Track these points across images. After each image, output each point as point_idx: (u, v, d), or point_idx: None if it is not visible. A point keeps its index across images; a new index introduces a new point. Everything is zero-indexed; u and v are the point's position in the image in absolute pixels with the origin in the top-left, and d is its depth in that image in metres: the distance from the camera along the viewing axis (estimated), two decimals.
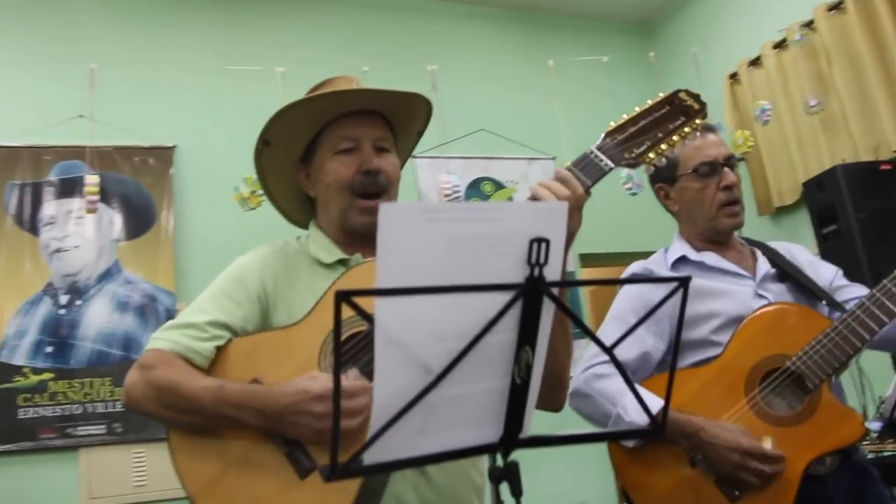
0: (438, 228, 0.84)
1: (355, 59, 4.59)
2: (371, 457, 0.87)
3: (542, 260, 0.88)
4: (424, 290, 0.83)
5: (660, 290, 1.10)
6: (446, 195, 4.56)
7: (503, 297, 0.87)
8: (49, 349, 4.21)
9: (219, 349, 1.48)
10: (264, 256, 1.61)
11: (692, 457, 1.84)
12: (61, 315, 4.29)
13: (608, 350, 0.97)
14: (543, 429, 1.03)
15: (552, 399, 1.51)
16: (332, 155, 1.60)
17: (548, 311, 0.91)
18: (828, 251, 3.90)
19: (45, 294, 4.29)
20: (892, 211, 3.80)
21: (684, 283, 0.95)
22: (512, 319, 0.89)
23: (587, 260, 5.28)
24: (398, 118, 1.66)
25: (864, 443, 3.88)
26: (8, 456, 4.02)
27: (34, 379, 4.15)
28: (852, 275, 2.18)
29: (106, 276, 4.42)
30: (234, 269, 1.60)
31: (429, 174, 5.01)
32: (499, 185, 5.31)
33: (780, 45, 4.89)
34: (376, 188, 1.58)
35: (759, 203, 5.15)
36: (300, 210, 1.74)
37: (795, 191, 4.68)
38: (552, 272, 0.90)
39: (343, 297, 0.80)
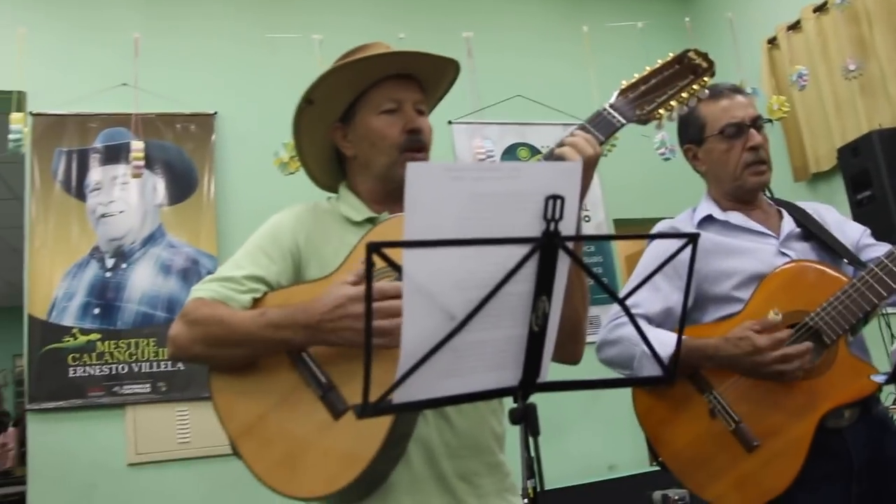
0: (461, 186, 0.91)
1: (391, 26, 4.63)
2: (400, 396, 0.95)
3: (557, 216, 0.95)
4: (449, 242, 0.90)
5: (685, 249, 1.15)
6: (480, 160, 4.61)
7: (521, 250, 0.94)
8: (96, 311, 4.35)
9: (255, 301, 1.56)
10: (297, 214, 1.70)
11: (711, 408, 1.91)
12: (107, 278, 4.42)
13: (620, 301, 1.04)
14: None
15: (569, 351, 1.58)
16: (376, 115, 1.66)
17: (563, 263, 0.98)
18: (862, 217, 3.88)
19: (92, 257, 4.42)
20: None
21: (693, 238, 1.01)
22: (529, 271, 0.97)
23: (621, 225, 5.31)
24: (430, 83, 1.73)
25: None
26: (59, 412, 4.19)
27: (82, 339, 4.29)
28: (886, 241, 2.18)
29: (150, 240, 4.54)
30: (268, 226, 1.69)
31: (465, 139, 5.06)
32: (535, 151, 5.35)
33: (821, 8, 4.83)
34: (420, 145, 1.65)
35: (796, 169, 5.12)
36: (329, 173, 1.81)
37: (832, 157, 4.63)
38: (567, 227, 0.97)
39: (374, 248, 0.88)
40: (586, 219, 5.16)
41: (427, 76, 1.72)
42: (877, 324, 3.79)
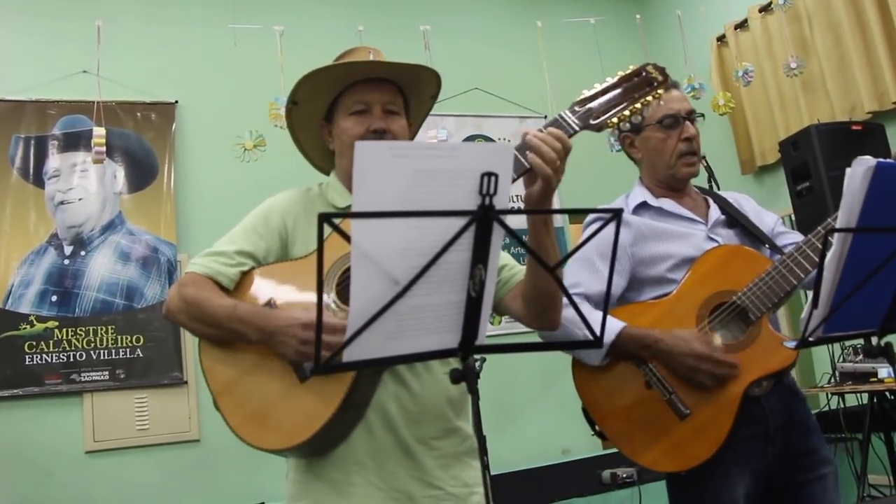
0: (404, 163, 1.01)
1: (351, 18, 4.70)
2: (349, 355, 1.05)
3: (492, 191, 1.05)
4: (392, 214, 1.00)
5: (622, 233, 1.26)
6: None
7: (459, 222, 1.04)
8: (54, 298, 4.36)
9: (244, 273, 1.75)
10: (288, 198, 1.88)
11: (647, 380, 2.04)
12: (66, 265, 4.43)
13: (551, 270, 1.14)
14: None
15: (549, 319, 1.77)
16: (347, 115, 1.82)
17: (497, 234, 1.08)
18: (801, 207, 4.07)
19: (50, 245, 4.43)
20: None
21: (617, 214, 1.12)
22: (467, 241, 1.07)
23: (577, 216, 5.44)
24: (406, 85, 1.88)
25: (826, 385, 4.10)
26: (15, 400, 4.20)
27: (39, 327, 4.30)
28: None
29: (109, 227, 4.56)
30: (262, 207, 1.87)
31: (422, 130, 5.15)
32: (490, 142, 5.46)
33: (766, 8, 5.02)
34: None
35: (743, 163, 5.31)
36: (326, 161, 1.99)
37: (776, 150, 4.81)
38: (501, 202, 1.07)
39: (324, 218, 0.97)
40: None
41: (401, 79, 1.86)
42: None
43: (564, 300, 2.06)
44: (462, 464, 1.77)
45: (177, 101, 4.82)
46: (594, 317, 1.98)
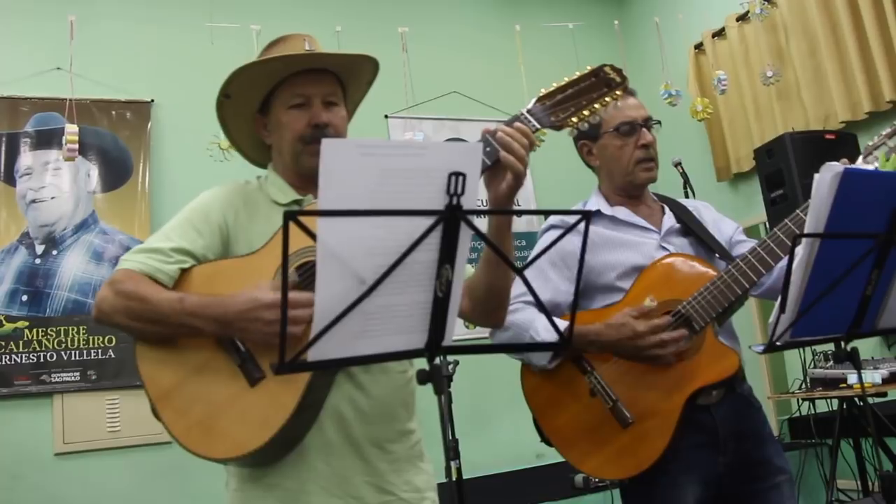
0: (372, 161, 1.00)
1: (329, 18, 4.69)
2: (314, 354, 1.04)
3: (459, 190, 1.05)
4: (359, 212, 0.99)
5: (574, 241, 1.26)
6: None
7: (426, 221, 1.04)
8: (24, 298, 4.29)
9: (183, 272, 1.63)
10: (227, 192, 1.79)
11: (592, 388, 2.07)
12: (37, 265, 4.37)
13: (519, 271, 1.14)
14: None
15: (495, 316, 1.76)
16: (286, 109, 1.76)
17: (465, 234, 1.08)
18: (775, 214, 4.10)
19: (21, 244, 4.37)
20: None
21: (587, 215, 1.12)
22: (434, 241, 1.07)
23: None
24: (345, 74, 1.83)
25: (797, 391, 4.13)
26: None
27: (9, 327, 4.23)
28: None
29: (82, 226, 4.50)
30: (199, 201, 1.77)
31: (399, 133, 5.15)
32: None
33: (743, 17, 5.06)
34: (323, 137, 1.73)
35: (718, 170, 5.35)
36: (262, 154, 1.90)
37: (751, 158, 4.86)
38: (469, 202, 1.07)
39: (290, 216, 0.96)
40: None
41: (341, 70, 1.81)
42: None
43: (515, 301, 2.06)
44: (414, 468, 1.74)
45: (153, 100, 4.77)
46: (540, 322, 2.02)
